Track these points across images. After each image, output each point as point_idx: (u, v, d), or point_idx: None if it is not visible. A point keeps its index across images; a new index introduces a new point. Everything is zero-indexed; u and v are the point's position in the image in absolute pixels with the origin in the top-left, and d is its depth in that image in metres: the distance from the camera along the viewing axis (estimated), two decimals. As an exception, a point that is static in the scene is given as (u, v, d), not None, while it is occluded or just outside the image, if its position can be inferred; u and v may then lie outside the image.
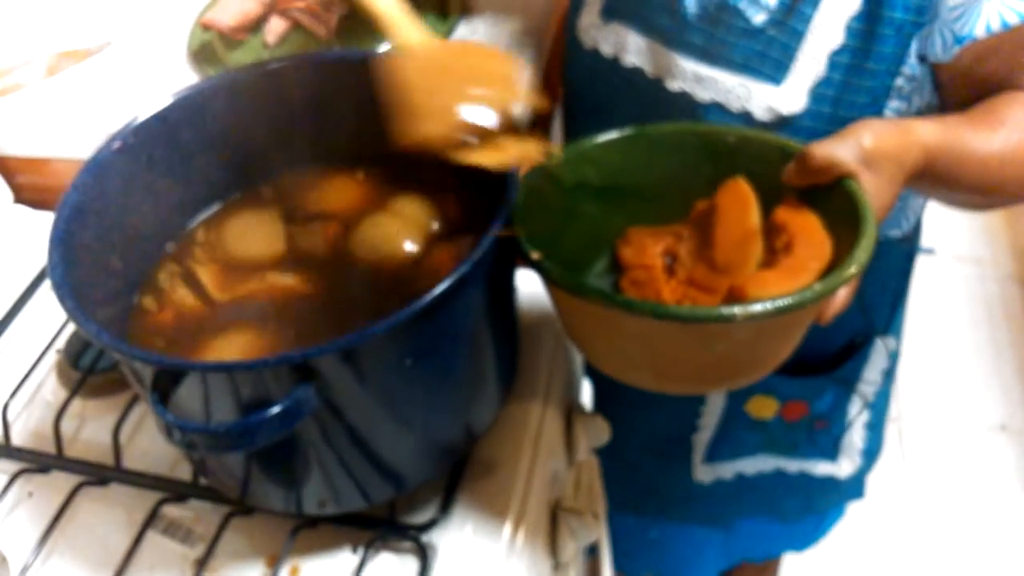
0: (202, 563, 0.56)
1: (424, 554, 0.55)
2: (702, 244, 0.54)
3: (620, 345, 0.51)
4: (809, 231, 0.51)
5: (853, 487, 1.02)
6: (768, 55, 0.64)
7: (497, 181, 0.52)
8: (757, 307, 0.44)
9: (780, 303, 0.44)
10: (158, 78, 0.92)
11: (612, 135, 0.59)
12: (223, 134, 0.62)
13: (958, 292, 1.97)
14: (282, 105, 0.63)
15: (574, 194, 0.59)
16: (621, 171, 0.60)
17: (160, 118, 0.58)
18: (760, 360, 0.51)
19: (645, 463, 0.97)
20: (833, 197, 0.52)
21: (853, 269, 0.46)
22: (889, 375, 0.92)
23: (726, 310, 0.44)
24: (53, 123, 0.88)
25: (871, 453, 0.99)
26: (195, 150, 0.61)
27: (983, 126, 0.57)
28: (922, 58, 0.62)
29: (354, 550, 0.56)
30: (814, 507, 1.03)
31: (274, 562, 0.56)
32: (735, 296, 0.48)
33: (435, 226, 0.62)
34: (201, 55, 0.92)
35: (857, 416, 0.91)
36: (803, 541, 1.14)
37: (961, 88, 0.63)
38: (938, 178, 0.55)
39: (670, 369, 0.51)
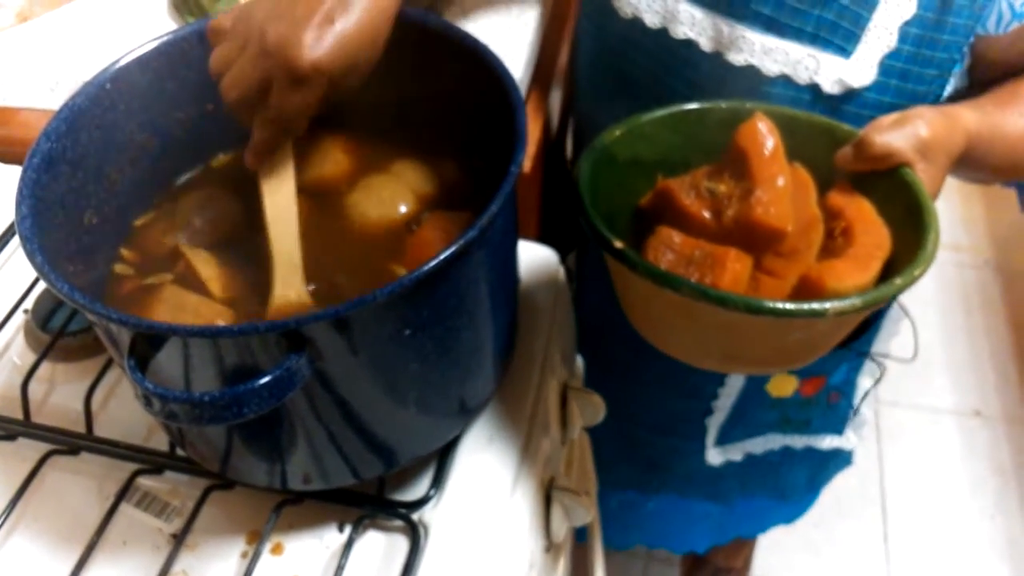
0: (179, 538, 0.53)
1: (415, 532, 0.53)
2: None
3: (696, 333, 0.51)
4: (866, 218, 0.51)
5: (847, 456, 1.04)
6: (840, 25, 0.63)
7: (499, 147, 0.49)
8: (847, 303, 0.45)
9: (867, 298, 0.45)
10: (137, 28, 0.87)
11: (664, 111, 0.58)
12: (208, 86, 0.58)
13: (935, 277, 1.98)
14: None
15: (626, 171, 0.58)
16: (672, 147, 0.59)
17: (141, 64, 0.54)
18: (825, 345, 0.52)
19: (653, 442, 0.96)
20: (886, 184, 0.52)
21: (927, 263, 0.47)
22: (889, 344, 0.92)
23: (818, 306, 0.45)
24: (24, 71, 0.83)
25: (863, 423, 1.00)
26: (178, 102, 0.57)
27: (1012, 108, 0.58)
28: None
29: (341, 528, 0.54)
30: (816, 482, 1.03)
31: (256, 539, 0.53)
32: (811, 286, 0.49)
33: (434, 191, 0.59)
34: (183, 5, 0.88)
35: (871, 387, 0.92)
36: (794, 514, 1.15)
37: (989, 64, 0.63)
38: (972, 162, 0.56)
39: (742, 354, 0.52)
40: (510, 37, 0.85)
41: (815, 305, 0.45)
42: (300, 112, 0.48)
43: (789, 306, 0.45)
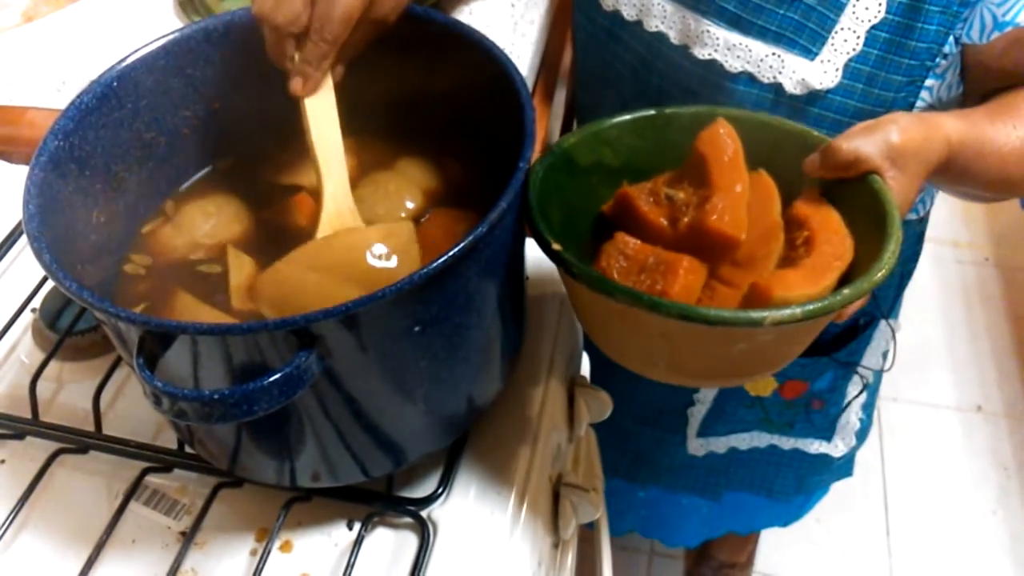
0: (188, 536, 0.53)
1: (424, 529, 0.53)
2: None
3: (638, 340, 0.50)
4: (830, 228, 0.50)
5: (844, 466, 1.03)
6: (805, 26, 0.62)
7: (505, 145, 0.49)
8: (786, 312, 0.43)
9: (808, 308, 0.43)
10: (143, 27, 0.87)
11: (628, 116, 0.57)
12: (215, 84, 0.58)
13: (936, 274, 1.98)
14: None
15: (589, 176, 0.57)
16: (637, 153, 0.57)
17: (147, 63, 0.54)
18: (776, 358, 0.51)
19: (639, 433, 0.96)
20: (855, 192, 0.50)
21: (881, 274, 0.45)
22: (886, 356, 0.91)
23: (756, 314, 0.43)
24: (30, 71, 0.83)
25: (864, 432, 0.99)
26: (185, 100, 0.57)
27: (1004, 121, 0.56)
28: (955, 39, 0.60)
29: (350, 525, 0.54)
30: (805, 486, 1.03)
31: (265, 536, 0.53)
32: (758, 295, 0.47)
33: (438, 189, 0.59)
34: (189, 4, 0.88)
35: (855, 397, 0.91)
36: (788, 517, 1.15)
37: (984, 74, 0.62)
38: (958, 174, 0.54)
39: (686, 365, 0.50)
40: (514, 35, 0.85)
41: (752, 314, 0.43)
42: (344, 17, 0.51)
43: (724, 314, 0.43)
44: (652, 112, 0.57)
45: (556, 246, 0.48)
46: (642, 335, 0.49)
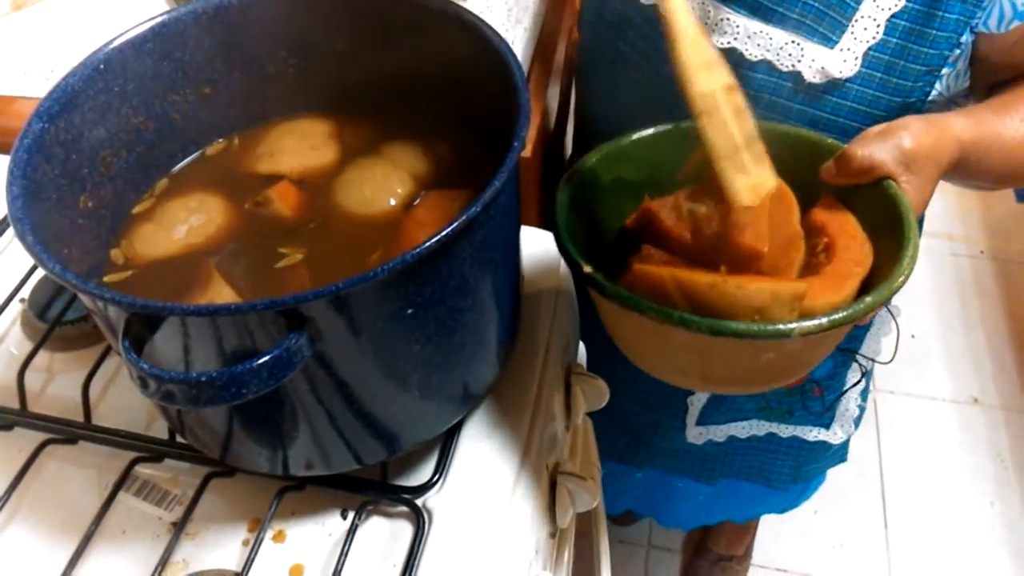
0: (179, 527, 0.53)
1: (419, 518, 0.52)
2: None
3: (670, 354, 0.51)
4: (848, 233, 0.51)
5: (839, 451, 1.03)
6: (825, 13, 0.62)
7: (498, 127, 0.49)
8: (812, 323, 0.45)
9: (835, 318, 0.45)
10: (133, 14, 0.86)
11: (647, 131, 0.59)
12: (204, 68, 0.57)
13: (931, 267, 1.98)
14: (267, 39, 0.58)
15: (611, 192, 0.58)
16: (657, 167, 0.59)
17: (135, 46, 0.54)
18: (804, 364, 0.52)
19: (638, 415, 0.96)
20: (871, 197, 0.52)
21: (901, 279, 0.46)
22: (883, 343, 0.91)
23: (783, 327, 0.44)
24: (19, 60, 0.82)
25: (859, 419, 0.99)
26: (173, 84, 0.56)
27: (1011, 115, 0.57)
28: (971, 28, 0.60)
29: (344, 514, 0.53)
30: (802, 474, 1.02)
31: (257, 526, 0.53)
32: None
33: (429, 172, 0.58)
34: (177, -10, 0.87)
35: (854, 385, 0.91)
36: (785, 505, 1.15)
37: (995, 65, 0.62)
38: (969, 170, 0.55)
39: (718, 376, 0.52)
40: (509, 22, 0.84)
41: (780, 326, 0.44)
42: None
43: (753, 327, 0.45)
44: (670, 127, 0.59)
45: (587, 268, 0.50)
46: (674, 349, 0.50)
